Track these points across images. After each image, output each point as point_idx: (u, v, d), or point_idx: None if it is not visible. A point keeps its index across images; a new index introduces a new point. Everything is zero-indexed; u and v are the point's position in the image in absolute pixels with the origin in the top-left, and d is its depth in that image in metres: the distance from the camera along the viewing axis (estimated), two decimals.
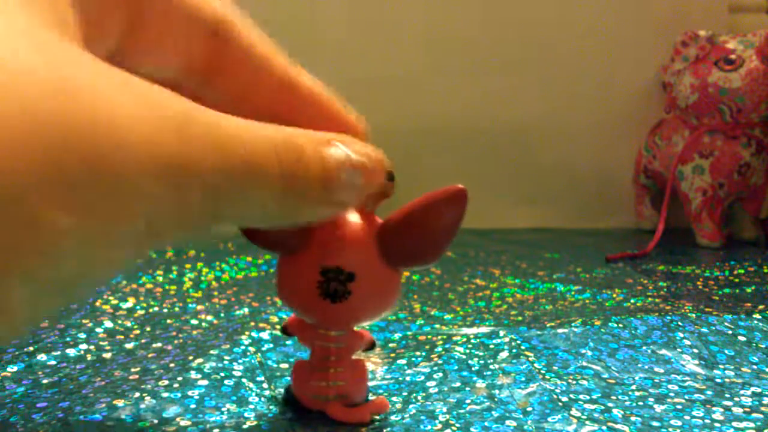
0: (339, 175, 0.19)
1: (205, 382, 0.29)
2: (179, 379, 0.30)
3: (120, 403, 0.27)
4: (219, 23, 0.21)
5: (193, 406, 0.27)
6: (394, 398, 0.27)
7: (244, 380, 0.30)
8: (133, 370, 0.31)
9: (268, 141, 0.18)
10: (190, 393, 0.28)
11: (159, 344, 0.35)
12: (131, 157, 0.14)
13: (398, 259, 0.24)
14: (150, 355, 0.33)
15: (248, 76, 0.21)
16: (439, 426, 0.25)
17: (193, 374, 0.30)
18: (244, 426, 0.25)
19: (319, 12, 0.73)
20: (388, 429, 0.25)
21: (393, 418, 0.26)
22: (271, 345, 0.34)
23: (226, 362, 0.32)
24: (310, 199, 0.19)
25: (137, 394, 0.28)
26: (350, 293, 0.23)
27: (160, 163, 0.15)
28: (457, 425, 0.25)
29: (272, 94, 0.22)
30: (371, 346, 0.27)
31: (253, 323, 0.38)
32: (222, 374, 0.30)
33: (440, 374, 0.30)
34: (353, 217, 0.24)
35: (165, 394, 0.28)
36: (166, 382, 0.29)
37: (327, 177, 0.19)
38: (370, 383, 0.29)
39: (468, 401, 0.27)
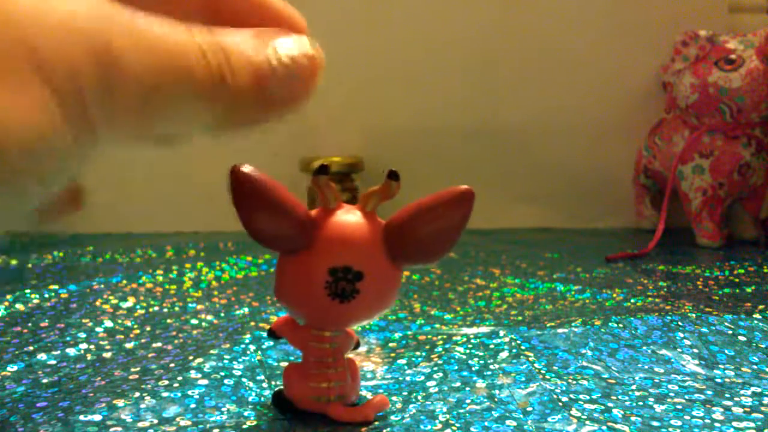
0: (271, 70, 0.19)
1: (205, 382, 0.29)
2: (179, 378, 0.30)
3: (120, 402, 0.27)
4: None
5: (193, 405, 0.27)
6: (394, 398, 0.27)
7: (244, 379, 0.29)
8: (133, 369, 0.31)
9: (194, 42, 0.17)
10: (190, 393, 0.28)
11: (159, 344, 0.35)
12: (52, 31, 0.15)
13: (404, 257, 0.24)
14: (150, 355, 0.33)
15: None
16: (439, 426, 0.25)
17: (193, 374, 0.30)
18: (244, 426, 0.25)
19: (319, 12, 0.73)
20: (388, 429, 0.25)
21: (393, 418, 0.26)
22: (271, 343, 0.34)
23: (226, 361, 0.32)
24: (243, 99, 0.18)
25: (137, 394, 0.28)
26: (358, 292, 0.23)
27: (83, 39, 0.15)
28: (457, 425, 0.25)
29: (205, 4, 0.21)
30: (357, 345, 0.27)
31: (253, 323, 0.38)
32: (222, 373, 0.30)
33: (440, 374, 0.30)
34: (357, 216, 0.24)
35: (165, 394, 0.28)
36: (166, 382, 0.29)
37: (258, 74, 0.18)
38: (370, 383, 0.29)
39: (468, 401, 0.27)
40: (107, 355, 0.33)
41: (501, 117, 0.73)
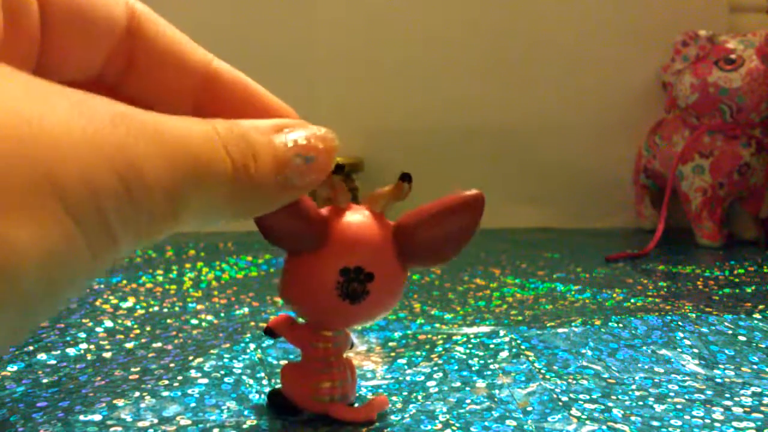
0: (292, 160, 0.19)
1: (205, 381, 0.29)
2: (179, 378, 0.30)
3: (120, 402, 0.27)
4: (129, 20, 0.20)
5: (193, 404, 0.27)
6: (394, 398, 0.27)
7: (244, 377, 0.29)
8: (133, 369, 0.31)
9: (211, 136, 0.17)
10: (190, 392, 0.28)
11: (159, 344, 0.35)
12: (71, 155, 0.14)
13: (413, 259, 0.24)
14: (150, 355, 0.33)
15: (165, 71, 0.21)
16: (439, 426, 0.25)
17: (193, 373, 0.30)
18: (245, 425, 0.25)
19: (319, 12, 0.73)
20: (389, 429, 0.25)
21: (393, 417, 0.26)
22: (271, 342, 0.34)
23: (226, 361, 0.32)
24: (265, 189, 0.19)
25: (137, 394, 0.28)
26: (368, 293, 0.23)
27: (103, 157, 0.14)
28: (457, 425, 0.25)
29: (193, 88, 0.21)
30: (351, 345, 0.27)
31: (253, 323, 0.38)
32: (222, 372, 0.30)
33: (440, 374, 0.30)
34: (367, 217, 0.24)
35: (165, 393, 0.28)
36: (166, 382, 0.29)
37: (279, 164, 0.19)
38: (371, 383, 0.29)
39: (468, 401, 0.27)
40: (107, 354, 0.33)
41: (501, 117, 0.73)
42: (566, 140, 0.73)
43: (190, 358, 0.32)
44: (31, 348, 0.33)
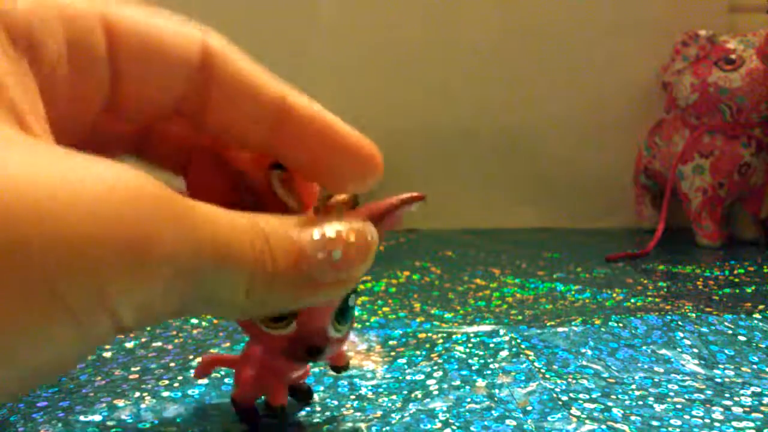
0: (313, 255, 0.18)
1: (205, 381, 0.29)
2: (179, 378, 0.30)
3: (120, 402, 0.27)
4: (204, 57, 0.19)
5: (193, 405, 0.27)
6: (393, 397, 0.27)
7: None
8: (133, 369, 0.31)
9: (240, 227, 0.17)
10: (190, 392, 0.28)
11: (159, 343, 0.35)
12: (85, 231, 0.13)
13: None
14: (150, 355, 0.33)
15: (240, 106, 0.20)
16: (439, 425, 0.25)
17: (192, 365, 0.30)
18: (245, 425, 0.25)
19: (318, 11, 0.73)
20: (388, 428, 0.25)
21: (393, 416, 0.26)
22: None
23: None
24: (283, 283, 0.18)
25: (137, 394, 0.28)
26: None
27: (119, 238, 0.14)
28: (457, 424, 0.25)
29: (268, 122, 0.20)
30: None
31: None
32: (222, 372, 0.30)
33: (440, 373, 0.30)
34: None
35: (165, 394, 0.28)
36: (167, 382, 0.29)
37: (299, 258, 0.18)
38: (371, 382, 0.29)
39: (468, 400, 0.27)
40: (107, 354, 0.33)
41: (501, 117, 0.73)
42: (566, 140, 0.73)
43: (190, 357, 0.32)
44: None
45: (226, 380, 0.30)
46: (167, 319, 0.16)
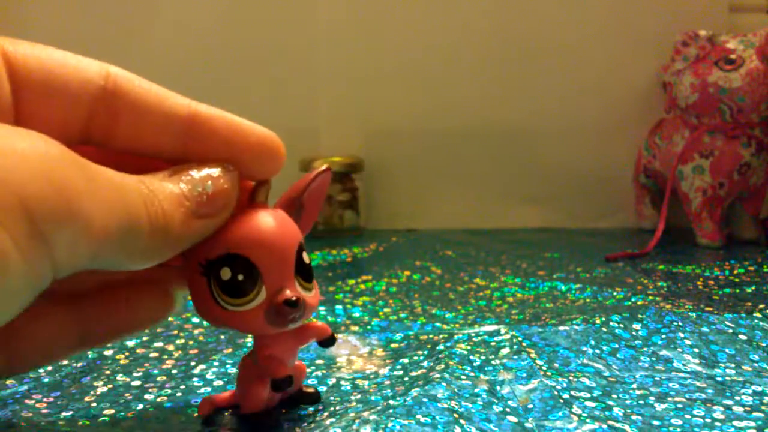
0: (191, 194, 0.21)
1: (206, 385, 0.29)
2: (180, 379, 0.30)
3: (121, 402, 0.27)
4: (105, 80, 0.21)
5: (196, 414, 0.27)
6: (398, 389, 0.27)
7: None
8: (135, 374, 0.31)
9: (134, 188, 0.20)
10: (191, 394, 0.28)
11: (160, 343, 0.35)
12: (19, 177, 0.16)
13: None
14: (151, 355, 0.33)
15: (148, 121, 0.22)
16: (441, 408, 0.25)
17: (194, 373, 0.30)
18: (246, 427, 0.25)
19: (318, 11, 0.73)
20: (391, 410, 0.25)
21: (395, 401, 0.26)
22: None
23: (228, 365, 0.32)
24: (176, 236, 0.21)
25: (139, 395, 0.28)
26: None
27: (47, 186, 0.17)
28: (459, 410, 0.25)
29: (178, 133, 0.22)
30: None
31: None
32: (223, 372, 0.30)
33: (442, 366, 0.30)
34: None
35: (166, 394, 0.28)
36: (168, 384, 0.29)
37: (186, 212, 0.21)
38: (374, 381, 0.29)
39: (469, 396, 0.27)
40: (108, 353, 0.33)
41: (501, 117, 0.73)
42: (566, 140, 0.73)
43: (192, 363, 0.32)
44: None
45: (227, 382, 0.30)
46: (94, 265, 0.19)
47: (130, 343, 0.34)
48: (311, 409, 0.26)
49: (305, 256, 0.25)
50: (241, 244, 0.22)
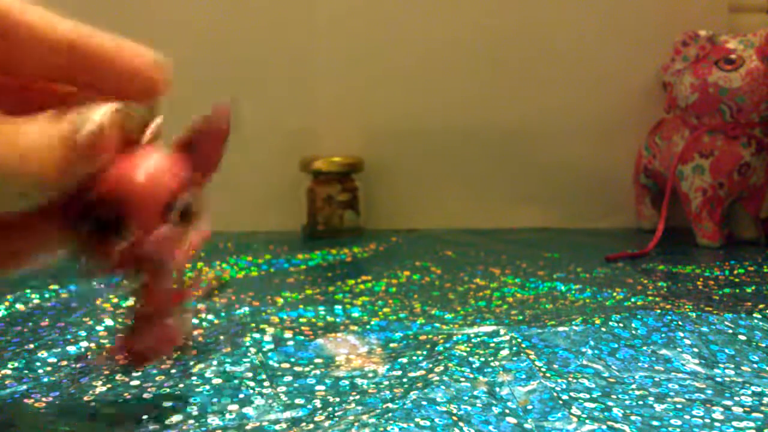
0: (80, 135, 0.21)
1: (206, 385, 0.29)
2: (179, 378, 0.30)
3: (120, 401, 0.27)
4: None
5: (194, 406, 0.27)
6: (395, 390, 0.27)
7: (245, 380, 0.30)
8: (134, 375, 0.31)
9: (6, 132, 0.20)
10: (191, 394, 0.28)
11: None
12: None
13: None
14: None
15: (26, 46, 0.22)
16: (440, 412, 0.25)
17: (194, 374, 0.30)
18: (247, 427, 0.25)
19: (318, 11, 0.73)
20: (389, 414, 0.25)
21: (392, 405, 0.26)
22: (272, 345, 0.34)
23: (227, 364, 0.32)
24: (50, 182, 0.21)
25: (138, 396, 0.28)
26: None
27: None
28: (459, 414, 0.25)
29: (58, 59, 0.23)
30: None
31: (254, 324, 0.38)
32: (223, 373, 0.30)
33: (441, 367, 0.30)
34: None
35: (166, 395, 0.28)
36: (168, 384, 0.29)
37: (63, 158, 0.21)
38: (373, 380, 0.29)
39: (468, 398, 0.27)
40: (108, 353, 0.33)
41: (501, 117, 0.73)
42: (566, 140, 0.73)
43: (192, 363, 0.32)
44: (31, 346, 0.33)
45: (227, 382, 0.30)
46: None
47: None
48: (309, 409, 0.26)
49: (185, 197, 0.24)
50: (107, 191, 0.23)
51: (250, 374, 0.30)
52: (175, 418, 0.26)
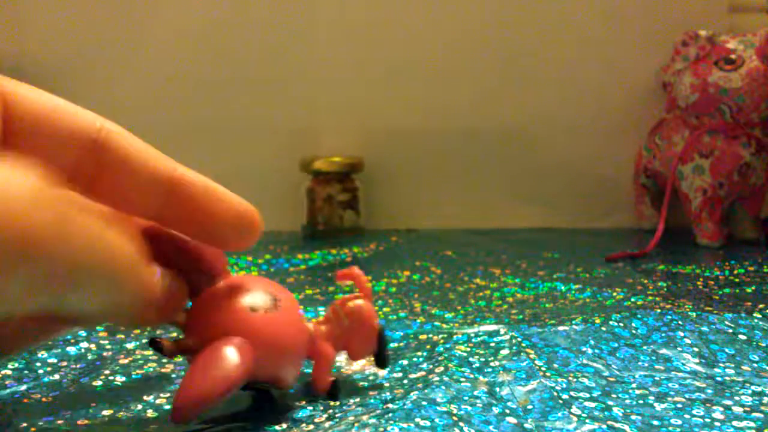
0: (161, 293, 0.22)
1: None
2: (179, 380, 0.30)
3: (120, 402, 0.27)
4: (97, 132, 0.22)
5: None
6: (396, 391, 0.27)
7: None
8: (133, 375, 0.31)
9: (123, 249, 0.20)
10: None
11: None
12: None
13: None
14: (151, 356, 0.33)
15: (132, 178, 0.22)
16: (441, 412, 0.25)
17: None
18: (247, 427, 0.25)
19: (318, 11, 0.73)
20: (390, 414, 0.25)
21: (392, 405, 0.26)
22: None
23: None
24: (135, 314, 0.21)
25: (138, 396, 0.28)
26: None
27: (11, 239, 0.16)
28: (459, 413, 0.25)
29: (156, 196, 0.23)
30: None
31: None
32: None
33: (441, 368, 0.30)
34: None
35: (166, 395, 0.28)
36: (168, 385, 0.29)
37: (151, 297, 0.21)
38: (373, 382, 0.29)
39: (468, 398, 0.27)
40: (107, 354, 0.33)
41: (501, 117, 0.73)
42: (566, 140, 0.73)
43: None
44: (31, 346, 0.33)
45: None
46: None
47: (130, 345, 0.34)
48: (309, 410, 0.26)
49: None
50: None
51: None
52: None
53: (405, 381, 0.29)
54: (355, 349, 0.28)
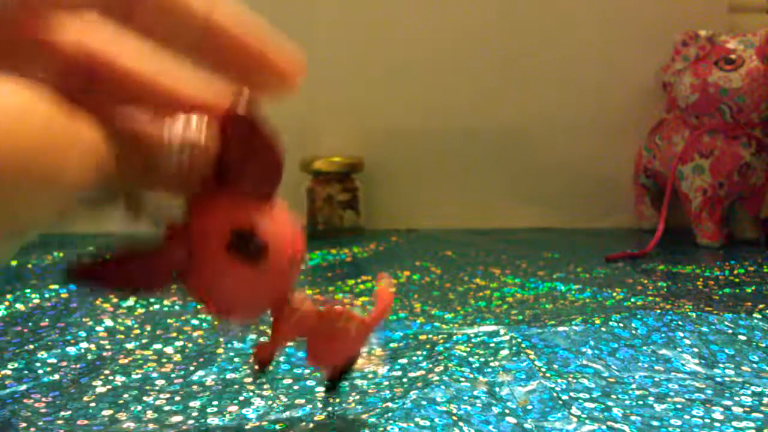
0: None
1: (206, 386, 0.29)
2: (179, 380, 0.30)
3: (120, 402, 0.27)
4: None
5: (194, 407, 0.27)
6: (395, 390, 0.27)
7: (245, 382, 0.30)
8: (133, 376, 0.31)
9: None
10: (190, 395, 0.28)
11: (159, 345, 0.35)
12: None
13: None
14: (151, 357, 0.33)
15: (162, 18, 0.21)
16: (440, 412, 0.25)
17: (194, 377, 0.30)
18: (247, 427, 0.25)
19: (318, 11, 0.73)
20: (389, 413, 0.25)
21: (391, 405, 0.26)
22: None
23: (226, 365, 0.32)
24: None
25: (138, 397, 0.28)
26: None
27: (31, 168, 0.15)
28: (458, 413, 0.25)
29: (190, 38, 0.21)
30: None
31: (253, 324, 0.38)
32: (222, 376, 0.30)
33: (441, 367, 0.30)
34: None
35: (166, 395, 0.28)
36: (167, 384, 0.29)
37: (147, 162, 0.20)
38: (373, 381, 0.29)
39: (468, 398, 0.27)
40: (107, 354, 0.33)
41: (501, 117, 0.73)
42: (566, 140, 0.73)
43: (193, 366, 0.32)
44: (31, 346, 0.33)
45: (227, 382, 0.30)
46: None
47: (129, 345, 0.34)
48: (309, 410, 0.26)
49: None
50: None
51: (250, 375, 0.30)
52: (175, 418, 0.26)
53: (404, 380, 0.29)
54: (316, 354, 0.24)
